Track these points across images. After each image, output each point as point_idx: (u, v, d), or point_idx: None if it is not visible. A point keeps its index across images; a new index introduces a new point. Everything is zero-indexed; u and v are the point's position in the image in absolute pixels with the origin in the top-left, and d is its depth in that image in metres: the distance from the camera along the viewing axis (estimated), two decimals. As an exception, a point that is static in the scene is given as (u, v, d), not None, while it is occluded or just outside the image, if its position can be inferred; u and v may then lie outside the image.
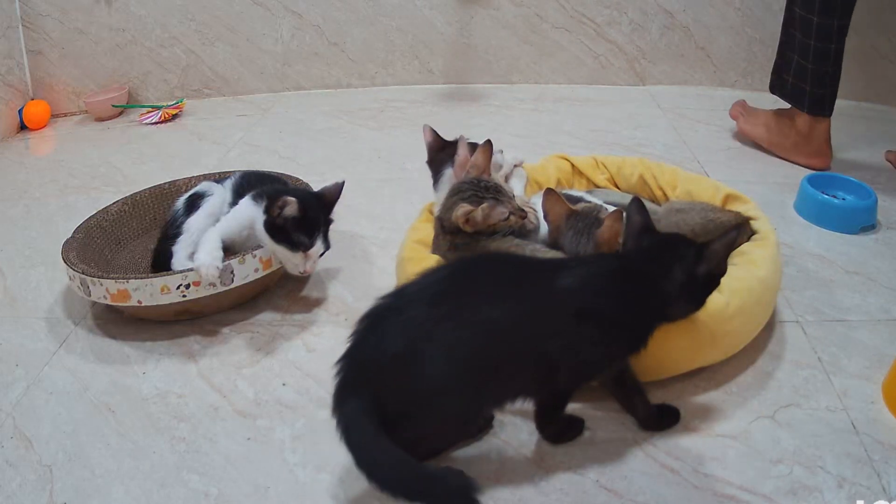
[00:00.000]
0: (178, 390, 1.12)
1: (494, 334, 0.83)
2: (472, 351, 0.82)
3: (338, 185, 1.28)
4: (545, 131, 2.07)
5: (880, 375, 1.07)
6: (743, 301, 1.04)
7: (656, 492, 0.90)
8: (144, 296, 1.17)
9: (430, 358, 0.81)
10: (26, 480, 0.97)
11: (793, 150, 1.76)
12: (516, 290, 0.86)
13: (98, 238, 1.39)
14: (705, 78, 2.39)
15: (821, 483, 0.90)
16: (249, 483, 0.94)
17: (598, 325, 0.87)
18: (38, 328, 1.30)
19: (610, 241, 1.14)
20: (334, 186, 1.28)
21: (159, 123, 2.30)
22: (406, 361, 0.81)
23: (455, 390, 0.83)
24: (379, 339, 0.83)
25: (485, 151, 1.18)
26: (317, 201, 1.26)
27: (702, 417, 1.01)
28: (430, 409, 0.84)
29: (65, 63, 2.41)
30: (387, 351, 0.82)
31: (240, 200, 1.31)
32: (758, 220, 1.22)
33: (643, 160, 1.50)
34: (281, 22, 2.41)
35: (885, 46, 2.20)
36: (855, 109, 2.22)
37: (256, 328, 1.26)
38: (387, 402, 0.82)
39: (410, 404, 0.83)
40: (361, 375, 0.83)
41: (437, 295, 0.85)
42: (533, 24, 2.38)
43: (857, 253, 1.40)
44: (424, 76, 2.49)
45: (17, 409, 1.10)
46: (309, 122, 2.24)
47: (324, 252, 1.25)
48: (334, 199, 1.28)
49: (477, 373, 0.83)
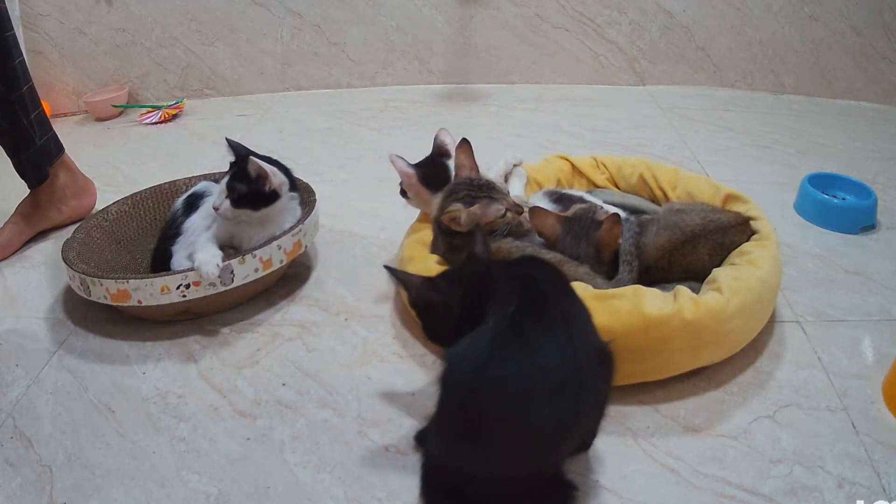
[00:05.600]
0: (178, 390, 1.12)
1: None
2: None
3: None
4: (545, 131, 2.07)
5: (880, 375, 1.07)
6: (743, 301, 1.03)
7: (656, 492, 0.90)
8: (144, 296, 1.17)
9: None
10: (26, 480, 0.96)
11: None
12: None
13: (98, 238, 1.39)
14: (705, 78, 2.39)
15: (821, 483, 0.90)
16: (249, 483, 0.94)
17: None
18: (38, 328, 1.30)
19: (610, 244, 1.14)
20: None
21: (159, 123, 2.30)
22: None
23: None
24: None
25: (464, 150, 1.18)
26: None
27: (702, 417, 1.01)
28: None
29: (65, 63, 2.41)
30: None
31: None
32: (758, 220, 1.22)
33: (643, 160, 1.50)
34: (281, 22, 2.41)
35: (885, 46, 2.21)
36: (855, 109, 2.23)
37: (256, 328, 1.26)
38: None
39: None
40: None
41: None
42: (533, 24, 2.38)
43: (857, 253, 1.40)
44: (424, 76, 2.49)
45: (17, 409, 1.10)
46: (309, 122, 2.24)
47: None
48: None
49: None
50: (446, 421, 0.81)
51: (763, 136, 2.01)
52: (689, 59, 2.38)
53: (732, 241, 1.18)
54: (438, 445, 0.84)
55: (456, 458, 0.79)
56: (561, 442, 0.79)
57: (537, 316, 0.79)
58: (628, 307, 0.99)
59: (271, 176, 1.24)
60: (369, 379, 1.12)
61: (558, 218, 1.17)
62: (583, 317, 0.84)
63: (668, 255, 1.15)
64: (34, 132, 1.52)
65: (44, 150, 1.56)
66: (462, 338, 0.80)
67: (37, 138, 1.53)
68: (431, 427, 0.86)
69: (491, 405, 0.75)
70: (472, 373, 0.76)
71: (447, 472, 0.82)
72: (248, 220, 1.27)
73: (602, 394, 0.84)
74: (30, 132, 1.51)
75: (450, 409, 0.80)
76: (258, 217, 1.27)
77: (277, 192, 1.26)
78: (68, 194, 1.64)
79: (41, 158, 1.56)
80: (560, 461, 0.84)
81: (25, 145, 1.51)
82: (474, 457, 0.77)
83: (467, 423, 0.77)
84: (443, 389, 0.80)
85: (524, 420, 0.75)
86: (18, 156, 1.53)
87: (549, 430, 0.76)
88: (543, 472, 0.81)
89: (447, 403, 0.80)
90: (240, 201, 1.24)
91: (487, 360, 0.76)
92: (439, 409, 0.81)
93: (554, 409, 0.75)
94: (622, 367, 0.85)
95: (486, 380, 0.75)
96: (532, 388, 0.75)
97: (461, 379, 0.77)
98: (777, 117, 2.15)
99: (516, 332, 0.77)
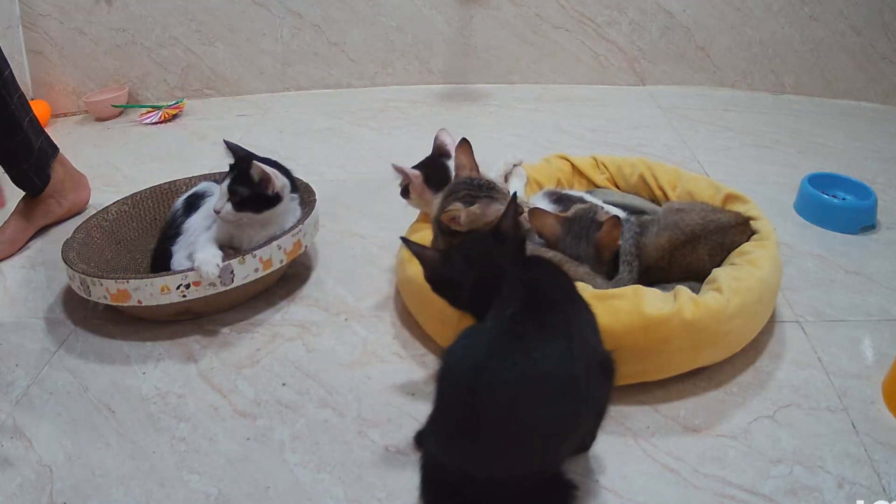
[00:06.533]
0: (178, 390, 1.12)
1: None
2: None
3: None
4: (545, 131, 2.07)
5: (880, 375, 1.07)
6: (743, 301, 1.03)
7: (656, 492, 0.90)
8: (144, 296, 1.17)
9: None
10: (26, 480, 0.96)
11: None
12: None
13: (98, 238, 1.39)
14: (705, 78, 2.39)
15: (821, 483, 0.90)
16: (249, 483, 0.94)
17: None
18: (38, 328, 1.30)
19: (610, 246, 1.14)
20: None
21: (159, 123, 2.30)
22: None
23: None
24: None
25: (464, 150, 1.18)
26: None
27: (702, 417, 1.01)
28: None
29: (65, 63, 2.41)
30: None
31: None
32: (758, 220, 1.22)
33: (643, 160, 1.50)
34: (281, 22, 2.41)
35: (885, 46, 2.21)
36: (855, 109, 2.23)
37: (256, 328, 1.26)
38: None
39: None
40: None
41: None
42: (533, 24, 2.38)
43: (857, 253, 1.40)
44: (424, 76, 2.49)
45: (17, 409, 1.10)
46: (309, 122, 2.24)
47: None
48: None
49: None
50: (444, 419, 0.81)
51: (763, 136, 2.01)
52: (689, 59, 2.38)
53: (732, 241, 1.18)
54: (436, 444, 0.84)
55: (454, 457, 0.79)
56: (560, 443, 0.79)
57: (539, 320, 0.79)
58: (628, 307, 0.99)
59: (274, 179, 1.24)
60: (369, 379, 1.12)
61: (558, 218, 1.17)
62: (587, 324, 0.85)
63: (669, 255, 1.15)
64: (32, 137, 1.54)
65: (41, 152, 1.58)
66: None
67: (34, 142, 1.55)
68: (428, 425, 0.86)
69: (490, 404, 0.75)
70: (471, 371, 0.76)
71: (447, 472, 0.82)
72: (250, 222, 1.27)
73: (601, 400, 0.84)
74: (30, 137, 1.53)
75: (448, 408, 0.80)
76: (260, 219, 1.27)
77: (280, 194, 1.26)
78: (67, 187, 1.67)
79: (42, 160, 1.58)
80: (560, 461, 0.84)
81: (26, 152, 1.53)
82: (473, 456, 0.77)
83: (466, 422, 0.77)
84: (441, 388, 0.80)
85: (523, 420, 0.75)
86: (20, 165, 1.54)
87: (547, 430, 0.76)
88: (543, 472, 0.81)
89: (446, 402, 0.80)
90: (242, 204, 1.24)
91: (487, 360, 0.76)
92: (437, 407, 0.81)
93: (552, 411, 0.75)
94: (622, 368, 0.85)
95: (485, 379, 0.75)
96: (530, 390, 0.75)
97: (460, 377, 0.77)
98: (777, 117, 2.15)
99: (516, 334, 0.77)
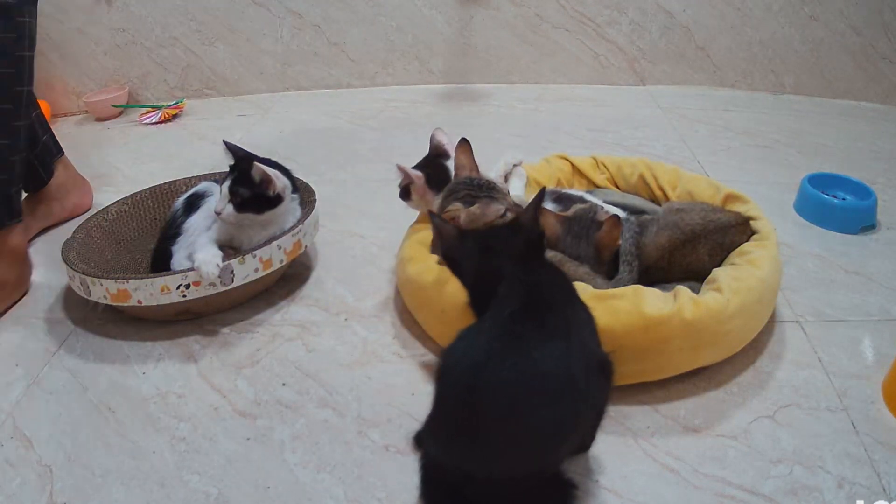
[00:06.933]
0: (178, 390, 1.12)
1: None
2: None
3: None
4: (545, 131, 2.07)
5: (880, 375, 1.07)
6: (743, 301, 1.03)
7: (656, 492, 0.90)
8: (144, 296, 1.17)
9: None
10: (26, 480, 0.96)
11: None
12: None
13: (98, 238, 1.39)
14: (705, 78, 2.39)
15: (821, 483, 0.90)
16: (249, 483, 0.94)
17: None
18: (38, 328, 1.30)
19: (609, 246, 1.14)
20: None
21: (159, 123, 2.30)
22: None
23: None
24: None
25: (464, 150, 1.18)
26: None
27: (702, 417, 1.01)
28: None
29: (65, 63, 2.41)
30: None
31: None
32: (758, 220, 1.22)
33: (643, 160, 1.50)
34: (281, 22, 2.41)
35: (885, 46, 2.21)
36: (855, 109, 2.23)
37: (256, 328, 1.26)
38: None
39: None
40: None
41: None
42: (533, 24, 2.38)
43: (857, 253, 1.40)
44: (424, 76, 2.49)
45: (17, 409, 1.10)
46: (309, 122, 2.24)
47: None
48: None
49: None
50: (444, 419, 0.81)
51: (763, 136, 2.01)
52: (689, 59, 2.38)
53: (732, 240, 1.18)
54: (436, 444, 0.84)
55: (454, 456, 0.79)
56: (559, 443, 0.79)
57: (539, 321, 0.79)
58: (628, 307, 0.99)
59: (275, 180, 1.24)
60: (369, 379, 1.12)
61: (558, 218, 1.17)
62: (585, 326, 0.85)
63: (668, 255, 1.15)
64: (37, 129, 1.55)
65: (46, 148, 1.59)
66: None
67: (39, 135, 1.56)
68: (427, 425, 0.86)
69: (489, 404, 0.75)
70: (470, 371, 0.76)
71: (447, 471, 0.82)
72: (250, 223, 1.27)
73: (600, 400, 0.84)
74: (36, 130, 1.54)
75: (447, 407, 0.80)
76: (261, 220, 1.27)
77: (281, 195, 1.26)
78: (69, 190, 1.67)
79: (46, 155, 1.60)
80: (559, 461, 0.84)
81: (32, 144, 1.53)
82: (472, 455, 0.77)
83: (465, 422, 0.77)
84: (440, 387, 0.80)
85: (522, 420, 0.75)
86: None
87: (547, 430, 0.76)
88: (543, 471, 0.81)
89: (445, 401, 0.80)
90: (243, 206, 1.24)
91: (486, 360, 0.76)
92: (436, 406, 0.81)
93: (551, 411, 0.75)
94: (622, 367, 0.85)
95: (484, 378, 0.75)
96: (530, 390, 0.75)
97: (459, 376, 0.77)
98: (777, 117, 2.15)
99: (515, 334, 0.77)
